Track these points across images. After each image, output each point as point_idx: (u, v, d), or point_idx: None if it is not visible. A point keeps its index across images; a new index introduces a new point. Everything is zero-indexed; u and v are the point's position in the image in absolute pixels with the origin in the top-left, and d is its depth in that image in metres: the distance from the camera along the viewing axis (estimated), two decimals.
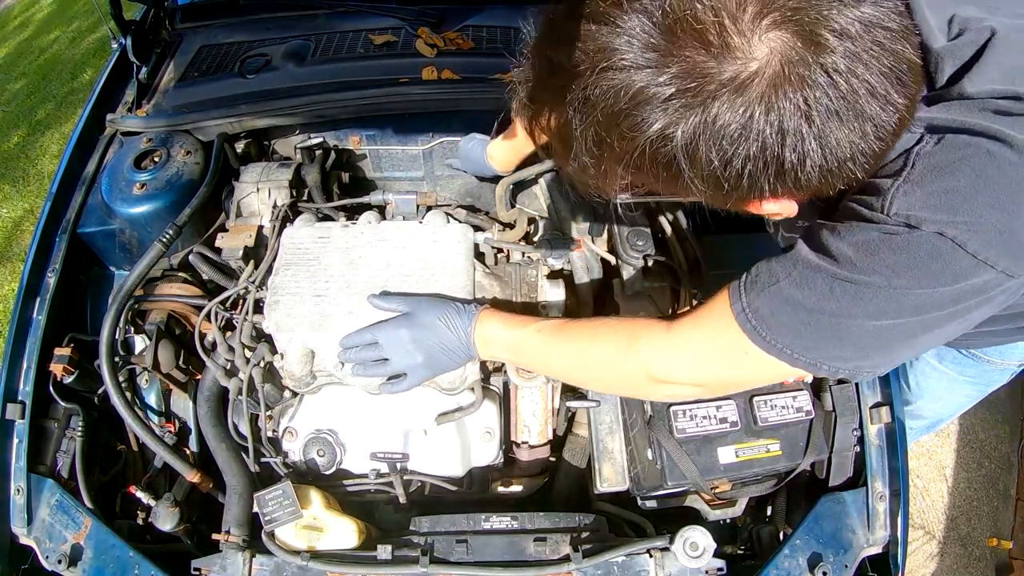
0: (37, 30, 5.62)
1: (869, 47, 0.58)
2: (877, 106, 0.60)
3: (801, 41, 0.56)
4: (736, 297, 0.81)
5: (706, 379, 0.90)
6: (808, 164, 0.61)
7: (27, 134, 4.24)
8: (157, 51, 1.77)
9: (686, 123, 0.59)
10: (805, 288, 0.75)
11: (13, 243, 3.50)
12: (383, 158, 1.64)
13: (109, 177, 1.48)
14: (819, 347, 0.77)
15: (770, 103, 0.57)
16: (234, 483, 1.21)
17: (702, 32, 0.56)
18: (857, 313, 0.73)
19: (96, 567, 1.14)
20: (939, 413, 1.51)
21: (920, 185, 0.68)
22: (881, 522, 1.16)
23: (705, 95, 0.58)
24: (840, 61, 0.57)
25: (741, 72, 0.57)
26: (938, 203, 0.67)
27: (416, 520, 1.19)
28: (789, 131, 0.59)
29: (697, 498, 1.25)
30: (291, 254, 1.26)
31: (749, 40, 0.56)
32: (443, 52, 1.64)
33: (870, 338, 0.75)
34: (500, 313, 1.09)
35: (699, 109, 0.58)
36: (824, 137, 0.59)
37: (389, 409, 1.23)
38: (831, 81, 0.57)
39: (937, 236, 0.67)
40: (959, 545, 2.26)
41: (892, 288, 0.70)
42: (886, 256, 0.70)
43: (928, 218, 0.67)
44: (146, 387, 1.33)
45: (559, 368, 1.06)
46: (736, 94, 0.57)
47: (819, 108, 0.58)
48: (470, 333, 1.07)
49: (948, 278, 0.69)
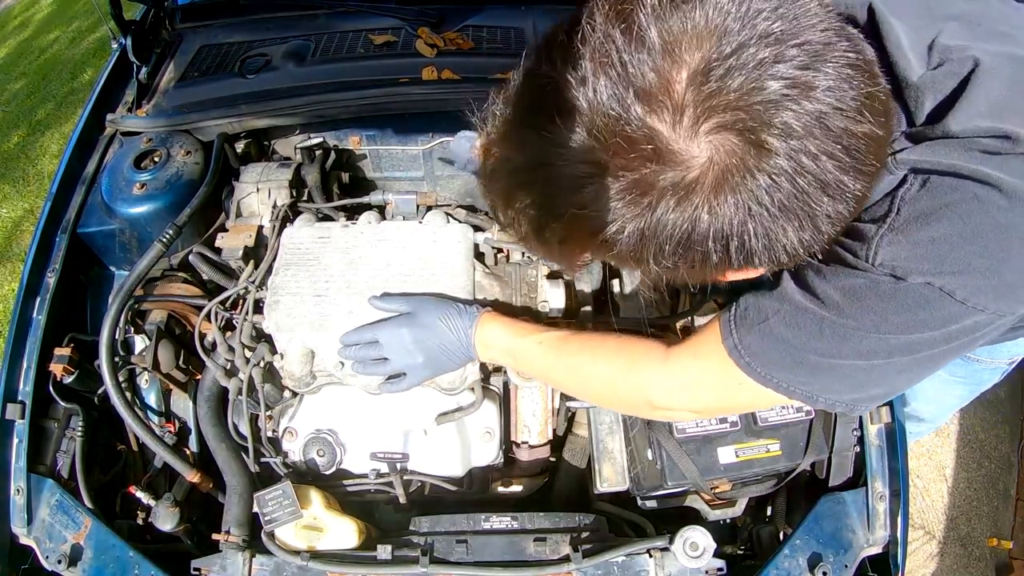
0: (37, 30, 5.62)
1: (819, 141, 0.54)
2: (827, 198, 0.57)
3: (743, 144, 0.54)
4: (727, 332, 0.81)
5: (703, 407, 0.92)
6: (756, 259, 0.60)
7: (27, 134, 4.24)
8: (157, 51, 1.76)
9: (634, 225, 0.58)
10: (794, 328, 0.75)
11: (13, 243, 3.50)
12: (383, 158, 1.64)
13: (109, 177, 1.48)
14: (813, 382, 0.78)
15: (712, 209, 0.56)
16: (234, 483, 1.21)
17: (639, 141, 0.55)
18: (848, 354, 0.73)
19: (96, 567, 1.14)
20: (933, 414, 1.51)
21: (905, 234, 0.67)
22: (881, 522, 1.16)
23: (648, 200, 0.57)
24: (784, 163, 0.54)
25: (683, 177, 0.55)
26: (924, 253, 0.66)
27: (416, 520, 1.19)
28: (734, 235, 0.57)
29: (697, 498, 1.25)
30: (291, 254, 1.26)
31: (689, 145, 0.54)
32: (443, 52, 1.64)
33: (863, 375, 0.76)
34: (502, 317, 1.09)
35: (645, 214, 0.57)
36: (771, 236, 0.58)
37: (389, 409, 1.23)
38: (774, 184, 0.55)
39: (925, 286, 0.67)
40: (959, 545, 2.26)
41: (880, 333, 0.70)
42: (873, 303, 0.69)
43: (915, 269, 0.66)
44: (146, 387, 1.33)
45: (558, 382, 1.08)
46: (679, 200, 0.56)
47: (762, 211, 0.56)
48: (471, 335, 1.07)
49: (937, 323, 0.68)
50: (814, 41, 0.55)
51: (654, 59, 0.54)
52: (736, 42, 0.53)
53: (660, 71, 0.54)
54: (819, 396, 0.79)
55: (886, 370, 0.74)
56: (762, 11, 0.55)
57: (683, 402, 0.91)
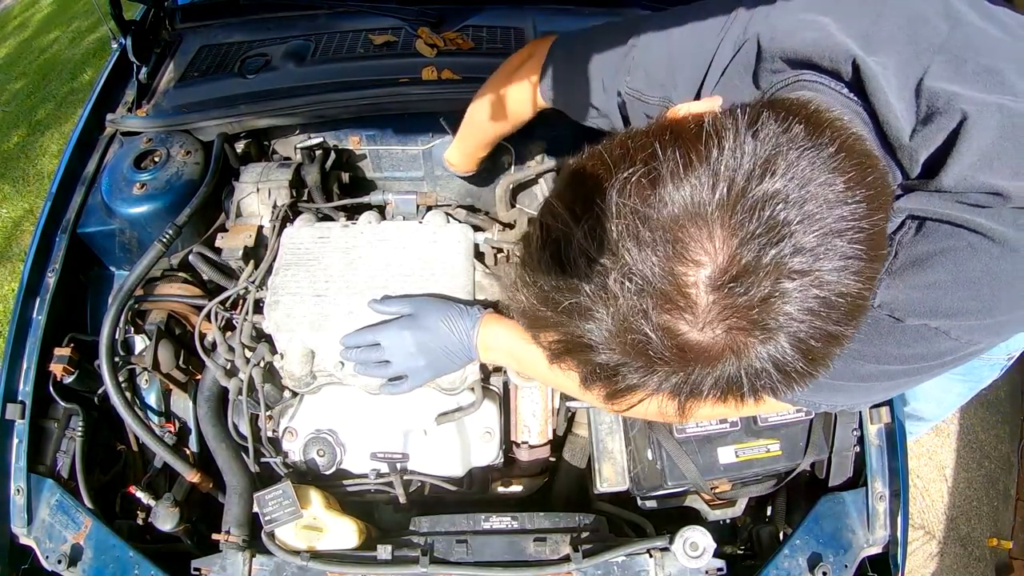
0: (37, 30, 5.62)
1: (819, 319, 0.56)
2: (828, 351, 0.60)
3: (756, 334, 0.56)
4: None
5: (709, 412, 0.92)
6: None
7: (27, 134, 4.24)
8: (157, 51, 1.76)
9: (666, 386, 0.61)
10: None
11: (13, 243, 3.50)
12: (383, 158, 1.64)
13: (109, 177, 1.48)
14: (816, 396, 0.84)
15: (737, 368, 0.59)
16: (234, 483, 1.21)
17: (664, 345, 0.57)
18: (849, 376, 0.79)
19: (96, 567, 1.14)
20: (933, 413, 1.51)
21: (902, 278, 0.70)
22: (881, 522, 1.16)
23: (675, 380, 0.60)
24: (785, 344, 0.57)
25: (708, 354, 0.58)
26: (921, 298, 0.69)
27: (416, 520, 1.19)
28: (747, 405, 0.62)
29: (697, 498, 1.25)
30: (291, 254, 1.26)
31: (708, 340, 0.57)
32: (443, 52, 1.64)
33: (862, 393, 0.83)
34: (504, 319, 1.09)
35: (678, 386, 0.60)
36: (777, 394, 0.62)
37: (389, 409, 1.23)
38: (778, 361, 0.58)
39: (922, 327, 0.71)
40: (959, 545, 2.26)
41: (880, 363, 0.76)
42: (873, 337, 0.74)
43: (912, 312, 0.70)
44: (146, 387, 1.33)
45: (559, 384, 1.08)
46: (708, 367, 0.59)
47: (766, 386, 0.60)
48: (473, 337, 1.07)
49: (933, 356, 0.74)
50: (827, 221, 0.55)
51: (667, 262, 0.55)
52: (755, 248, 0.54)
53: (675, 276, 0.55)
54: (821, 404, 0.85)
55: (884, 387, 0.82)
56: (776, 198, 0.54)
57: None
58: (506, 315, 1.11)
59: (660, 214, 0.55)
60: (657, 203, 0.56)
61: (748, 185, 0.55)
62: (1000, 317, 0.69)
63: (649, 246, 0.55)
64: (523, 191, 1.58)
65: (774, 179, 0.55)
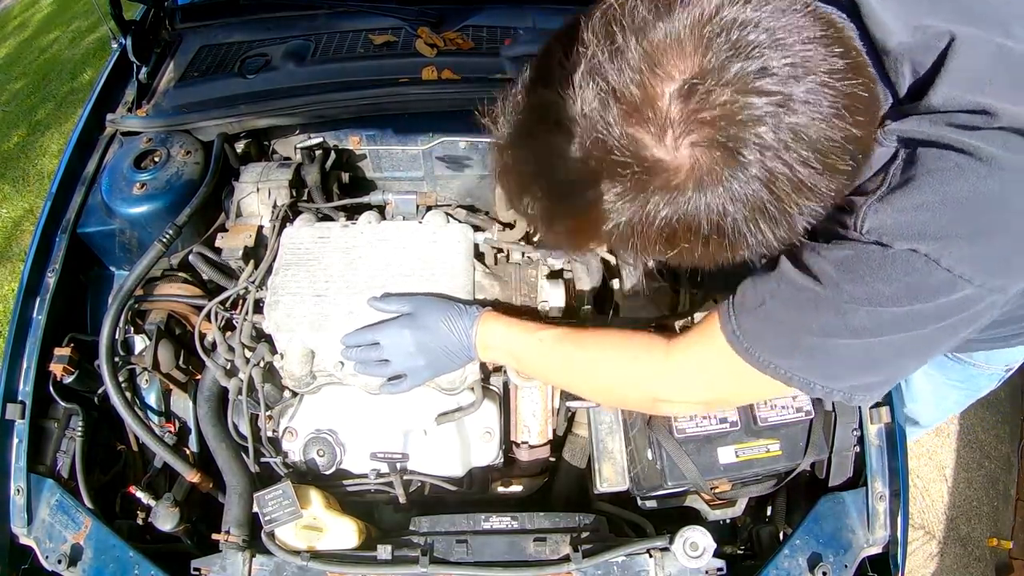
0: (37, 30, 5.62)
1: (793, 152, 0.59)
2: (802, 199, 0.62)
3: (722, 156, 0.59)
4: (727, 319, 0.82)
5: (706, 398, 0.92)
6: (737, 251, 0.67)
7: (27, 134, 4.24)
8: (157, 51, 1.76)
9: (627, 219, 0.65)
10: (791, 309, 0.76)
11: (13, 243, 3.50)
12: (383, 158, 1.64)
13: (109, 177, 1.48)
14: (810, 367, 0.78)
15: (693, 206, 0.62)
16: (234, 483, 1.21)
17: (627, 154, 0.61)
18: (841, 331, 0.74)
19: (96, 567, 1.14)
20: (929, 418, 1.50)
21: (890, 203, 0.69)
22: (881, 522, 1.16)
23: (639, 201, 0.63)
24: (757, 172, 0.59)
25: (668, 182, 0.61)
26: (908, 220, 0.68)
27: (416, 520, 1.19)
28: (713, 230, 0.64)
29: (697, 498, 1.25)
30: (291, 254, 1.26)
31: (673, 155, 0.60)
32: (443, 52, 1.64)
33: (859, 357, 0.76)
34: (502, 317, 1.09)
35: (638, 211, 0.64)
36: (748, 233, 0.64)
37: (389, 409, 1.23)
38: (748, 190, 0.60)
39: (910, 253, 0.68)
40: (959, 545, 2.26)
41: (872, 305, 0.71)
42: (864, 273, 0.71)
43: (899, 235, 0.68)
44: (146, 387, 1.33)
45: (560, 380, 1.08)
46: (666, 200, 0.62)
47: (738, 212, 0.62)
48: (472, 336, 1.07)
49: (926, 294, 0.69)
50: (797, 51, 0.58)
51: (639, 74, 0.58)
52: (721, 57, 0.57)
53: (645, 86, 0.58)
54: (816, 383, 0.79)
55: (880, 351, 0.75)
56: (747, 23, 0.57)
57: (686, 394, 0.91)
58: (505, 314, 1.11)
59: (635, 28, 0.59)
60: (634, 19, 0.59)
61: (722, 8, 0.58)
62: (992, 247, 0.67)
63: (622, 54, 0.59)
64: None
65: (747, 6, 0.58)
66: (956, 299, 0.69)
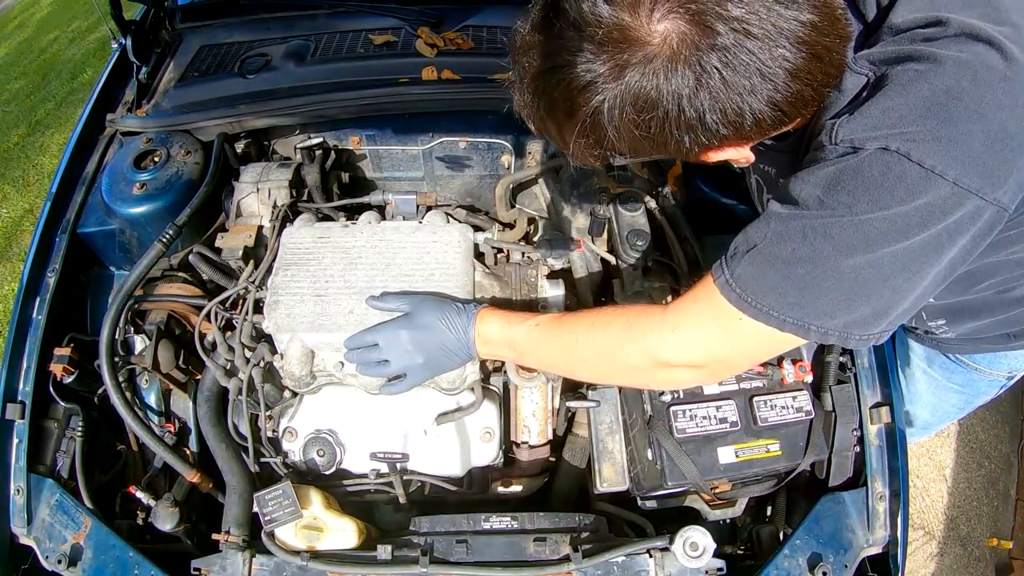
0: (37, 30, 5.63)
1: (759, 26, 0.67)
2: (766, 83, 0.69)
3: (692, 27, 0.67)
4: (719, 272, 0.84)
5: (704, 358, 0.90)
6: (711, 122, 0.72)
7: (27, 134, 4.24)
8: (157, 51, 1.77)
9: (612, 95, 0.72)
10: (780, 242, 0.79)
11: (13, 243, 3.50)
12: (383, 158, 1.64)
13: (109, 177, 1.48)
14: (802, 303, 0.78)
15: (669, 76, 0.69)
16: (234, 483, 1.21)
17: (612, 32, 0.69)
18: (829, 251, 0.75)
19: (96, 567, 1.14)
20: (926, 421, 1.49)
21: (860, 113, 0.74)
22: (881, 522, 1.16)
23: (622, 74, 0.71)
24: (728, 41, 0.67)
25: (645, 54, 0.69)
26: (876, 122, 0.72)
27: (416, 520, 1.19)
28: (685, 96, 0.70)
29: (697, 498, 1.25)
30: (291, 254, 1.26)
31: (648, 29, 0.68)
32: (443, 52, 1.64)
33: (848, 283, 0.76)
34: (499, 311, 1.09)
35: (620, 84, 0.71)
36: (723, 101, 0.70)
37: (389, 409, 1.23)
38: (719, 60, 0.68)
39: (882, 151, 0.71)
40: (959, 545, 2.26)
41: (854, 215, 0.73)
42: (844, 183, 0.74)
43: (869, 136, 0.72)
44: (146, 387, 1.33)
45: (559, 362, 1.06)
46: (643, 71, 0.70)
47: (712, 80, 0.68)
48: (470, 333, 1.07)
49: (903, 194, 0.71)
50: None
51: None
52: None
53: None
54: (811, 324, 0.79)
55: (869, 274, 0.76)
56: None
57: (684, 354, 0.90)
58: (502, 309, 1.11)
59: None
60: None
61: None
62: (957, 138, 0.69)
63: None
64: (523, 191, 1.58)
65: None
66: (934, 201, 0.71)
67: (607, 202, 1.38)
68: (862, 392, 1.24)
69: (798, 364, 1.17)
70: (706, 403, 1.14)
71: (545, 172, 1.51)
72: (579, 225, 1.41)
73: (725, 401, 1.15)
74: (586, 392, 1.27)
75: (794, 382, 1.17)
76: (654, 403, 1.15)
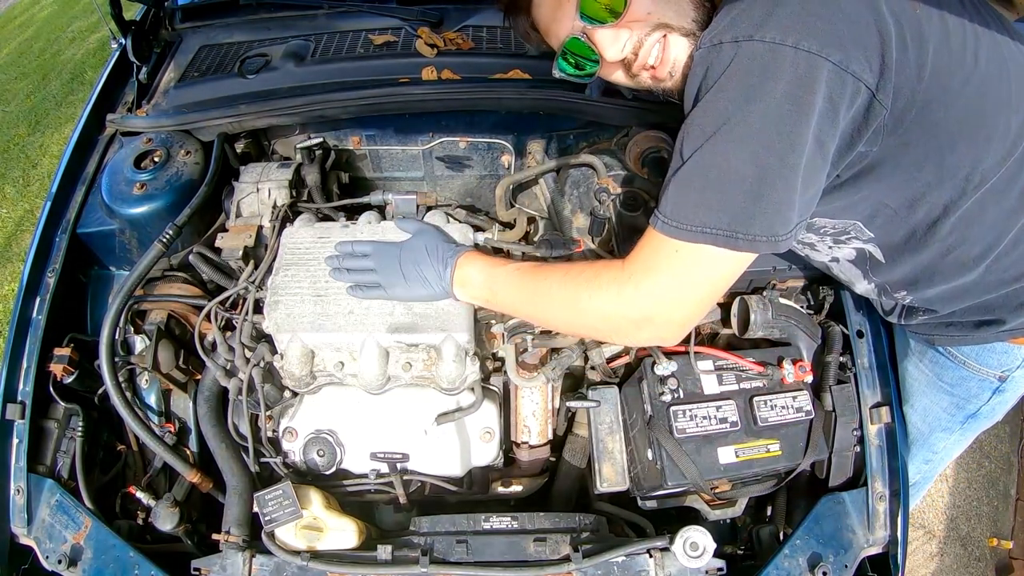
0: (38, 30, 5.63)
1: None
2: None
3: None
4: (655, 217, 0.91)
5: (663, 300, 0.93)
6: None
7: (27, 134, 4.24)
8: (157, 51, 1.77)
9: None
10: (691, 160, 0.87)
11: (13, 243, 3.50)
12: (383, 158, 1.64)
13: (109, 177, 1.48)
14: (720, 208, 0.85)
15: None
16: (234, 483, 1.21)
17: None
18: (726, 140, 0.84)
19: (96, 567, 1.14)
20: (917, 427, 1.46)
21: (711, 26, 0.89)
22: (881, 522, 1.16)
23: None
24: None
25: None
26: (724, 25, 0.86)
27: (416, 520, 1.19)
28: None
29: (697, 498, 1.25)
30: (291, 254, 1.26)
31: None
32: (443, 52, 1.64)
33: (750, 167, 0.84)
34: (485, 256, 1.13)
35: None
36: None
37: (389, 409, 1.23)
38: None
39: (732, 44, 0.84)
40: (959, 545, 2.26)
41: (729, 101, 0.84)
42: (714, 77, 0.85)
43: (719, 33, 0.86)
44: (146, 387, 1.33)
45: (530, 309, 1.08)
46: None
47: None
48: (450, 267, 1.12)
49: (758, 70, 0.82)
50: None
51: None
52: None
53: None
54: (737, 232, 0.85)
55: (764, 158, 0.83)
56: None
57: (643, 300, 0.93)
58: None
59: None
60: None
61: None
62: (784, 14, 0.81)
63: None
64: (523, 191, 1.58)
65: None
66: (787, 70, 0.81)
67: (607, 202, 1.38)
68: (862, 392, 1.24)
69: (798, 364, 1.18)
70: (706, 403, 1.14)
71: (545, 172, 1.50)
72: (579, 225, 1.41)
73: (725, 401, 1.15)
74: (586, 392, 1.28)
75: (794, 382, 1.17)
76: (654, 403, 1.15)
